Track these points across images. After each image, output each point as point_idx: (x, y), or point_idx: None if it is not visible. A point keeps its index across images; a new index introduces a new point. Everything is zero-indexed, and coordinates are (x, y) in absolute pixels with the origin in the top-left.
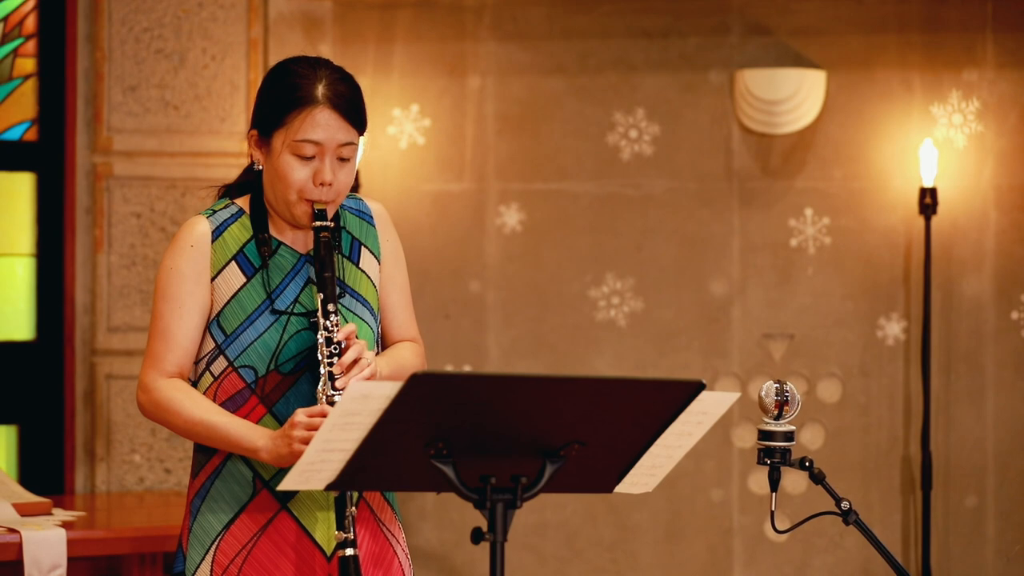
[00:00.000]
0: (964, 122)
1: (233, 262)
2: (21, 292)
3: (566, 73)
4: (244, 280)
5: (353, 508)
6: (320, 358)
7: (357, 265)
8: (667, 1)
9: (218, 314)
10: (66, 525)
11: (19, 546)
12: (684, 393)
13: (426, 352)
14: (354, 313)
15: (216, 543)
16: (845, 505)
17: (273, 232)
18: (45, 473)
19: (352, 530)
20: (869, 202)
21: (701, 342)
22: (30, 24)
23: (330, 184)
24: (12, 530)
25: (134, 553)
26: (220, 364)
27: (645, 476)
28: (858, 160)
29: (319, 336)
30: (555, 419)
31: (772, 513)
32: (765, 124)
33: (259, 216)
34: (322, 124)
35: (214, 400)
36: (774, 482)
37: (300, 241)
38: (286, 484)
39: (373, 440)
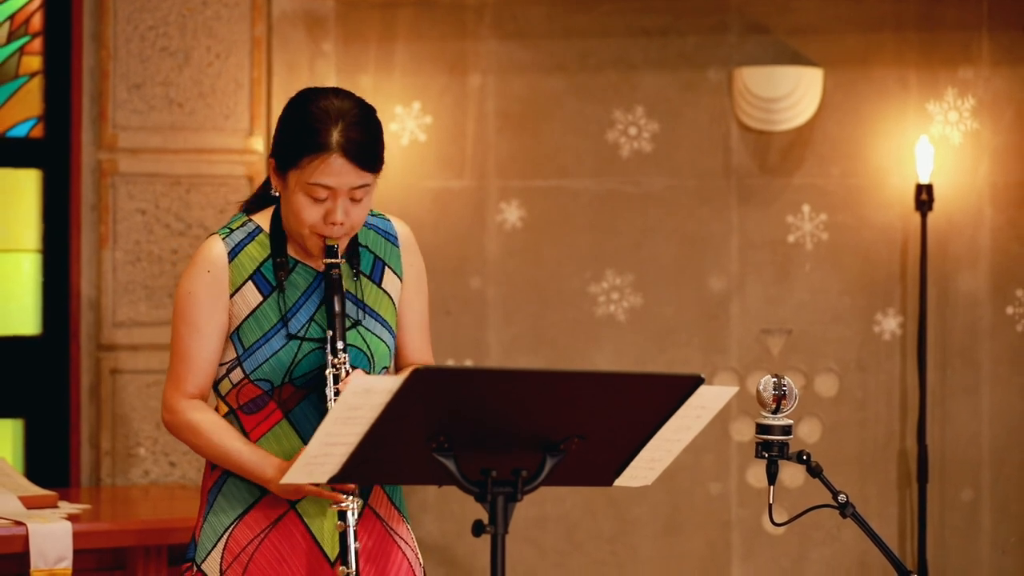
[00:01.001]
0: (960, 119)
1: (250, 281)
2: (27, 287)
3: (566, 71)
4: (261, 299)
5: (357, 544)
6: (327, 394)
7: (379, 285)
8: (666, 0)
9: (238, 327)
10: (72, 518)
11: (25, 538)
12: (683, 388)
13: None
14: (374, 334)
15: (229, 532)
16: (842, 498)
17: (290, 251)
18: (51, 466)
19: (356, 565)
20: (866, 199)
21: (700, 337)
22: (36, 22)
23: (342, 223)
24: (18, 523)
25: (139, 545)
26: (238, 375)
27: (644, 470)
28: (855, 157)
29: (327, 373)
30: (555, 413)
31: (770, 506)
32: (763, 121)
33: (278, 235)
34: (335, 171)
35: (236, 400)
36: (772, 475)
37: (318, 260)
38: (289, 477)
39: (375, 434)
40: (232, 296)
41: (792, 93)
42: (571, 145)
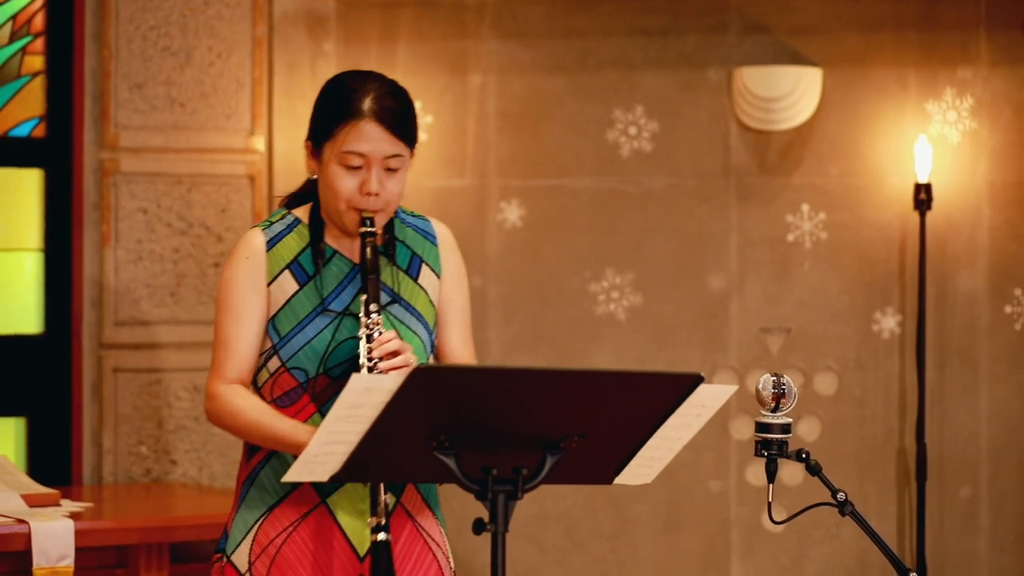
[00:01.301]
0: (958, 119)
1: (287, 270)
2: (29, 286)
3: (566, 71)
4: (297, 287)
5: (385, 496)
6: (360, 354)
7: (415, 280)
8: (666, 0)
9: (274, 316)
10: (74, 516)
11: (28, 536)
12: (683, 386)
13: None
14: (403, 323)
15: (258, 524)
16: (841, 496)
17: (329, 241)
18: (53, 464)
19: (386, 516)
20: (865, 198)
21: (700, 336)
22: (38, 22)
23: (377, 194)
24: (21, 521)
25: (141, 543)
26: (275, 363)
27: (644, 468)
28: (854, 156)
29: (360, 334)
30: (555, 412)
31: (769, 504)
32: (763, 121)
33: (317, 225)
34: (367, 137)
35: (271, 392)
36: (771, 474)
37: (356, 251)
38: (290, 475)
39: (376, 432)
40: (269, 285)
41: (791, 93)
42: (571, 145)
